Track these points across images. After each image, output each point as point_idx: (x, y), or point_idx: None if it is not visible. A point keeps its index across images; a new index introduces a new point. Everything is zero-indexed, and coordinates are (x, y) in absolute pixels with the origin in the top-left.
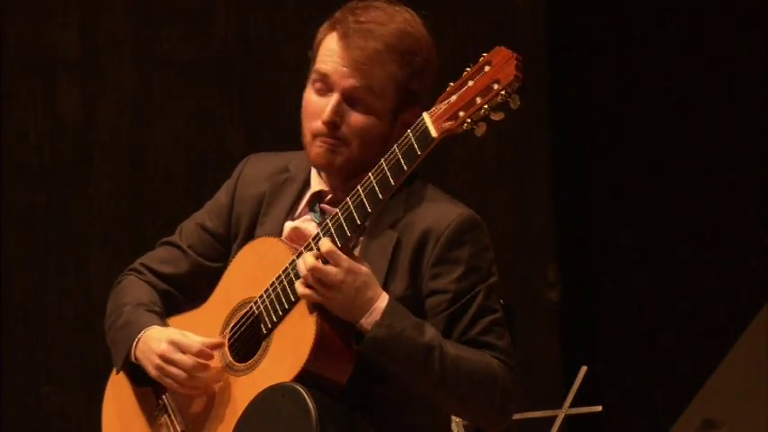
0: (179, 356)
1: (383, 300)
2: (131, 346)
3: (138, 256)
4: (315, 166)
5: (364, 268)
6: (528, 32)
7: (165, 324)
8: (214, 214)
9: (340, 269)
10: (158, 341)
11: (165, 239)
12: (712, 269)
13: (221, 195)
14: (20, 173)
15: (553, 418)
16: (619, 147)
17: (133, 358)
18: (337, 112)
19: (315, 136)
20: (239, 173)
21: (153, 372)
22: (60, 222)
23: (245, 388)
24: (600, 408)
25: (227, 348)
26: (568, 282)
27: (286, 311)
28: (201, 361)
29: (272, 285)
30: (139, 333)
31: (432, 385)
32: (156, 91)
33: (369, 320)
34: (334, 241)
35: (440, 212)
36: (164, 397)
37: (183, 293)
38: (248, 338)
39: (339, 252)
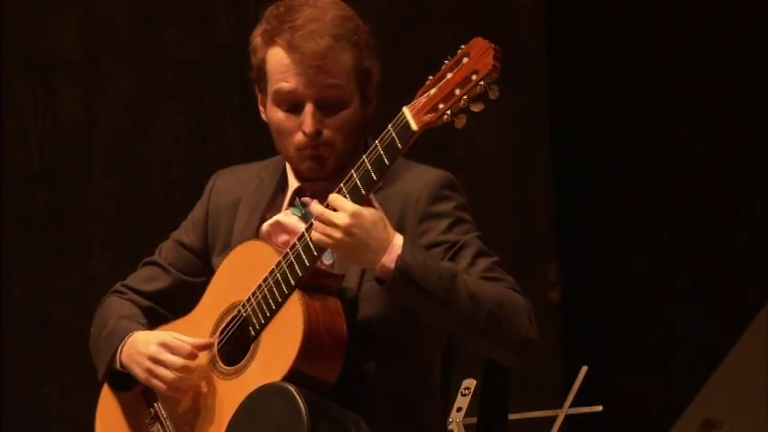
0: (168, 357)
1: (398, 238)
2: (116, 351)
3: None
4: (308, 178)
5: (371, 211)
6: (528, 32)
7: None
8: (190, 230)
9: (344, 213)
10: (147, 344)
11: (146, 260)
12: (713, 269)
13: (196, 211)
14: (20, 173)
15: (553, 418)
16: (619, 146)
17: (118, 365)
18: (317, 121)
19: (299, 150)
20: (211, 186)
21: (141, 374)
22: (60, 222)
23: (236, 391)
24: (600, 408)
25: (216, 353)
26: (568, 282)
27: (274, 312)
28: (191, 363)
29: (259, 288)
30: (124, 339)
31: (461, 313)
32: (156, 91)
33: (390, 258)
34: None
35: (415, 176)
36: (155, 405)
37: (166, 309)
38: (238, 342)
39: (341, 198)
